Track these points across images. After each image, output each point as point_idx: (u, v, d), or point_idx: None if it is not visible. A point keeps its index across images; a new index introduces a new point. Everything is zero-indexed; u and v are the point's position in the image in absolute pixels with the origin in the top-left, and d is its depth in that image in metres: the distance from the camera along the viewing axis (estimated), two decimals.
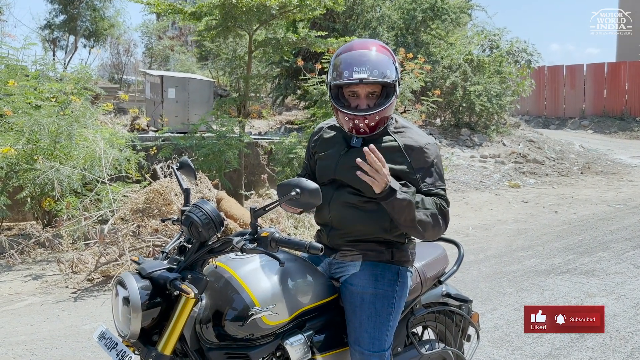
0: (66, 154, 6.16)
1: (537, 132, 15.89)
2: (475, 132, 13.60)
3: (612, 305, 4.49)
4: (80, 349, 3.71)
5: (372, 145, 1.94)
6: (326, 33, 8.88)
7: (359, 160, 1.91)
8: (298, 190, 1.77)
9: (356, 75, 2.05)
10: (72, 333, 3.98)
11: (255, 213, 1.83)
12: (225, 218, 5.65)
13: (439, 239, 2.78)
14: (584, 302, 4.56)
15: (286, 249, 2.01)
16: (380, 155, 1.92)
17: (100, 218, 5.72)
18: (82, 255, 5.31)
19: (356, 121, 2.10)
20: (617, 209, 8.48)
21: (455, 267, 2.65)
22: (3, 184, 6.03)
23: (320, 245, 1.74)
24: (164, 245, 5.11)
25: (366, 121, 2.09)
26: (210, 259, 1.97)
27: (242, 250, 1.77)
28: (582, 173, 12.17)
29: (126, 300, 1.76)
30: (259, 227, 1.82)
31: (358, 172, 1.91)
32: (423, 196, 2.05)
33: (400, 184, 2.02)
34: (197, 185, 6.08)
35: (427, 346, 2.50)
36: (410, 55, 8.53)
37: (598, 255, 5.96)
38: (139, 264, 1.89)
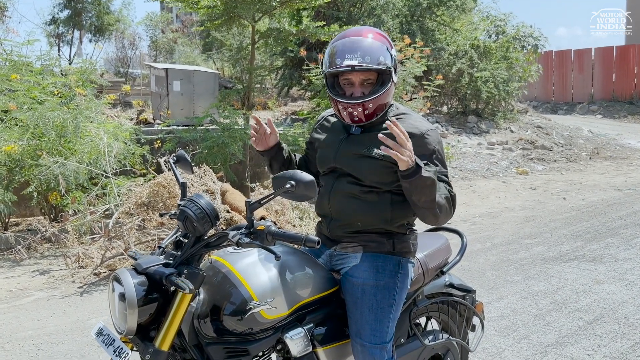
0: (71, 149, 6.16)
1: (545, 117, 15.75)
2: (482, 119, 13.49)
3: (621, 292, 4.44)
4: (86, 343, 3.72)
5: (392, 118, 1.92)
6: (324, 23, 8.77)
7: (380, 135, 1.82)
8: (293, 182, 1.74)
9: (347, 62, 2.01)
10: (78, 328, 3.99)
11: (251, 206, 1.80)
12: (230, 210, 5.64)
13: (442, 228, 2.76)
14: (592, 289, 4.52)
15: (285, 243, 1.99)
16: (403, 129, 1.84)
17: (106, 212, 5.72)
18: (88, 249, 5.32)
19: (350, 109, 2.06)
20: (626, 194, 8.39)
21: (458, 257, 2.62)
22: (8, 181, 6.04)
23: (316, 239, 1.71)
24: None
25: (360, 109, 2.05)
26: (207, 254, 1.95)
27: (238, 244, 1.74)
28: (590, 158, 12.05)
29: (122, 297, 1.74)
30: (254, 221, 1.79)
31: (382, 147, 1.83)
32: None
33: (424, 162, 1.94)
34: (202, 177, 6.07)
35: (430, 337, 2.47)
36: (408, 41, 8.36)
37: (607, 241, 5.90)
38: (135, 259, 1.87)
